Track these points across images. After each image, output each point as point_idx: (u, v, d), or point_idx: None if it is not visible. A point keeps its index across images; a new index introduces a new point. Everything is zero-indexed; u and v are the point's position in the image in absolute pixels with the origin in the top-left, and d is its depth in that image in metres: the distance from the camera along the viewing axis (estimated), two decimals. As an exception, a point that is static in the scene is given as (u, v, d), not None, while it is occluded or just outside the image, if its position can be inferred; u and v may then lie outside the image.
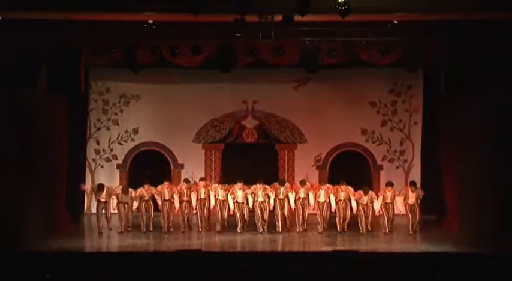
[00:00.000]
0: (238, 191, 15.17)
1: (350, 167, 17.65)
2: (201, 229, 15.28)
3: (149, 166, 17.89)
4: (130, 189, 15.44)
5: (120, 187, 15.71)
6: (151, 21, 13.68)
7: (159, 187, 15.38)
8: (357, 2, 11.81)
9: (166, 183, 15.46)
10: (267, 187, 15.31)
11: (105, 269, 10.36)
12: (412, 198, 15.18)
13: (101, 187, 15.31)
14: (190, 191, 15.35)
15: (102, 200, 15.23)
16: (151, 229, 15.24)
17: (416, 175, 17.85)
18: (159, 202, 15.33)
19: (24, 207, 13.92)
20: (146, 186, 15.33)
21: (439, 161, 16.56)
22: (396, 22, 13.66)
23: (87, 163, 18.04)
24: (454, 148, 15.70)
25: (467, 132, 15.03)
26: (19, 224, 13.64)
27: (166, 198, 15.26)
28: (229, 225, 15.43)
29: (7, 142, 13.54)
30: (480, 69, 14.00)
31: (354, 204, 15.23)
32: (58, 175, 15.92)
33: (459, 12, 12.66)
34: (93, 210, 16.81)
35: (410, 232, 15.07)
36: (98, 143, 18.27)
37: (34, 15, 12.83)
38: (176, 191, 15.30)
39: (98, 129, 18.27)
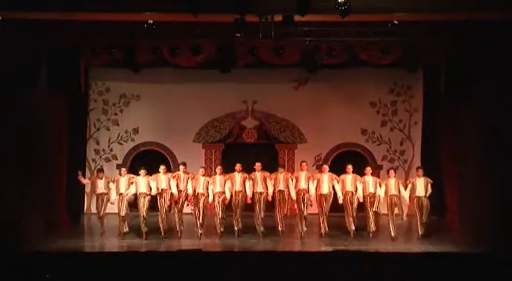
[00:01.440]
0: (237, 175, 14.77)
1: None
2: (199, 229, 14.66)
3: (149, 166, 17.87)
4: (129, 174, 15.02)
5: (118, 175, 15.12)
6: (151, 21, 13.69)
7: (154, 175, 14.80)
8: (357, 2, 11.81)
9: (163, 167, 14.90)
10: (267, 173, 14.86)
11: (105, 269, 10.36)
12: (421, 187, 14.51)
13: (100, 170, 15.31)
14: (188, 177, 14.76)
15: (100, 191, 14.82)
16: (145, 230, 14.68)
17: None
18: (154, 192, 14.65)
19: (24, 207, 13.92)
20: (143, 172, 14.79)
21: (439, 161, 16.55)
22: (396, 22, 13.67)
23: (87, 163, 18.04)
24: (454, 148, 15.70)
25: (467, 132, 15.03)
26: (19, 224, 13.64)
27: (164, 186, 14.67)
28: (227, 229, 14.99)
29: (7, 141, 13.54)
30: (480, 69, 14.01)
31: (360, 193, 14.61)
32: (58, 175, 15.92)
33: (459, 12, 12.66)
34: (93, 210, 16.81)
35: (420, 234, 14.47)
36: (97, 143, 18.28)
37: (34, 15, 12.83)
38: (172, 177, 14.70)
39: (98, 129, 18.27)
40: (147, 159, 18.09)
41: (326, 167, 15.12)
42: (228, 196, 14.79)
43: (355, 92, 18.07)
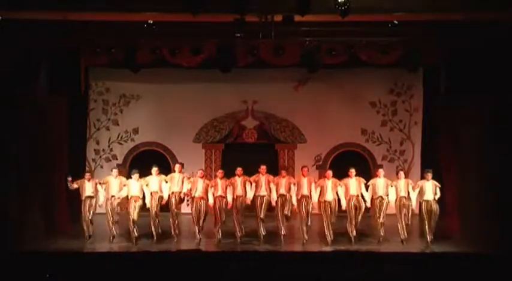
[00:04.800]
0: (238, 179, 14.36)
1: (350, 167, 17.58)
2: (198, 233, 14.30)
3: (149, 166, 17.87)
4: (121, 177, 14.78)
5: (108, 177, 14.70)
6: (151, 21, 13.69)
7: (146, 178, 14.49)
8: (357, 2, 11.82)
9: (155, 169, 14.58)
10: (271, 177, 14.42)
11: (105, 270, 10.36)
12: (429, 191, 13.93)
13: (87, 172, 14.81)
14: (183, 177, 14.55)
15: (87, 194, 14.27)
16: (136, 234, 14.33)
17: (416, 175, 17.82)
18: (148, 196, 14.37)
19: (24, 207, 13.93)
20: (136, 175, 14.42)
21: (439, 161, 16.54)
22: (396, 22, 13.67)
23: (87, 163, 18.03)
24: (454, 148, 15.70)
25: (467, 132, 15.03)
26: (19, 224, 13.65)
27: (155, 189, 14.38)
28: (226, 234, 14.73)
29: (7, 142, 13.55)
30: (480, 69, 14.02)
31: (366, 195, 14.13)
32: (58, 175, 15.92)
33: (459, 12, 12.67)
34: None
35: (429, 240, 13.89)
36: (97, 143, 18.27)
37: (34, 15, 12.84)
38: (164, 180, 14.41)
39: (98, 129, 18.27)
40: (147, 159, 18.11)
41: (330, 173, 14.50)
42: (230, 200, 14.33)
43: (355, 92, 18.07)
